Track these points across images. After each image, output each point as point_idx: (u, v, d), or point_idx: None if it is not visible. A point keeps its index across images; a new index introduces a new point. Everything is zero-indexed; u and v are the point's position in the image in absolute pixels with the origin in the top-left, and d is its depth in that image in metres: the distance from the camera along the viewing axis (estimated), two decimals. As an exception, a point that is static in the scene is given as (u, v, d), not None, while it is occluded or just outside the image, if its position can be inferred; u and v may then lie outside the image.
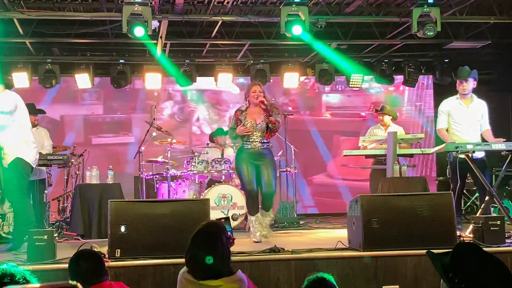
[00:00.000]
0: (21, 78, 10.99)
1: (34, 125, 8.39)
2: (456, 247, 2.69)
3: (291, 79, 11.88)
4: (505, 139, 7.26)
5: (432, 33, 8.27)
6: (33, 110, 8.47)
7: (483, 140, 7.44)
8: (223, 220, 3.87)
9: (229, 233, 3.66)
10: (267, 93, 7.57)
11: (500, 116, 7.64)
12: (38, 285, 1.17)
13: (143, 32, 7.84)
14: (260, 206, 7.17)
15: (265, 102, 7.04)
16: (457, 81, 7.52)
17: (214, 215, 7.72)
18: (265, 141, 7.15)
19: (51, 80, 11.26)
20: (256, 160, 7.10)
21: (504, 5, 9.43)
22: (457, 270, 2.58)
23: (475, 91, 7.61)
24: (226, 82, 11.82)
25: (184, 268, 3.44)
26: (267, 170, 7.07)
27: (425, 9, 8.24)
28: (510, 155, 7.01)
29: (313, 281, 3.11)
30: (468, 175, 7.45)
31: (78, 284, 1.15)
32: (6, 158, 6.34)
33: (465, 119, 7.41)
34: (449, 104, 7.54)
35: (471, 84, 7.45)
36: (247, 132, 7.04)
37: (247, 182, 7.09)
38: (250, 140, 7.10)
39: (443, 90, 11.32)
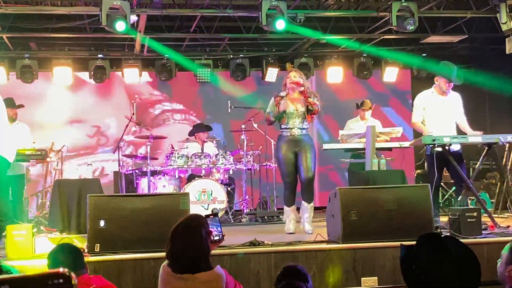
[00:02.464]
0: (-1, 74, 10.91)
1: (13, 120, 8.33)
2: (419, 237, 2.72)
3: (271, 73, 11.90)
4: (482, 132, 7.32)
5: (412, 27, 8.33)
6: (11, 104, 8.40)
7: (459, 132, 7.48)
8: (211, 216, 3.85)
9: (214, 228, 3.67)
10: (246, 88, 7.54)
11: (476, 109, 7.72)
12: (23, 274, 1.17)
13: (125, 26, 7.82)
14: (302, 199, 7.07)
15: (301, 83, 6.96)
16: (442, 78, 7.43)
17: (194, 209, 7.73)
18: (304, 127, 7.05)
19: (28, 75, 11.18)
20: (296, 147, 6.99)
21: (481, -1, 9.52)
22: (416, 258, 2.61)
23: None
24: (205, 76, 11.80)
25: (165, 261, 3.46)
26: (305, 156, 6.94)
27: (403, 3, 8.29)
28: (486, 148, 7.08)
29: (284, 268, 3.23)
30: (444, 168, 7.50)
31: (71, 273, 1.15)
32: (-18, 154, 6.29)
33: (441, 113, 7.41)
34: (424, 97, 7.52)
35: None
36: (271, 121, 7.09)
37: (286, 174, 7.00)
38: (289, 126, 7.01)
39: (420, 84, 11.41)
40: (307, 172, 6.95)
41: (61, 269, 1.16)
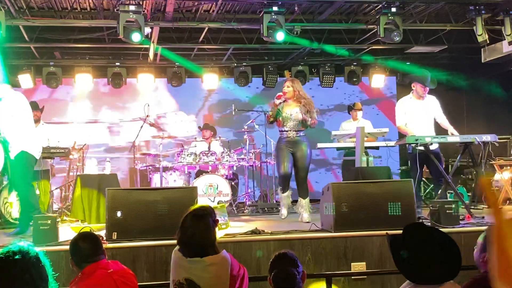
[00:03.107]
0: (26, 80, 10.90)
1: (36, 121, 8.32)
2: (406, 226, 2.73)
3: (271, 80, 11.89)
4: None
5: (398, 39, 8.33)
6: (35, 107, 8.40)
7: (439, 132, 7.49)
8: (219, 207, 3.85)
9: (221, 218, 3.68)
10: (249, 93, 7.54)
11: (455, 112, 7.70)
12: None
13: (140, 37, 7.83)
14: (298, 195, 7.12)
15: (282, 96, 7.05)
16: (418, 84, 7.46)
17: (202, 201, 7.72)
18: (301, 129, 7.08)
19: (53, 81, 11.19)
20: (292, 147, 7.04)
21: (459, 13, 9.50)
22: (404, 244, 2.61)
23: (433, 90, 7.65)
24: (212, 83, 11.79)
25: (177, 247, 3.46)
26: (301, 156, 7.00)
27: (389, 17, 8.28)
28: (463, 147, 7.08)
29: (276, 255, 3.28)
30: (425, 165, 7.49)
31: None
32: (12, 151, 6.29)
33: (419, 116, 7.43)
34: (404, 103, 7.54)
35: (428, 90, 7.51)
36: (269, 117, 7.13)
37: (282, 166, 7.04)
38: (286, 129, 7.06)
39: (405, 89, 11.39)
40: (302, 171, 7.02)
41: None
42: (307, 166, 7.08)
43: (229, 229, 5.89)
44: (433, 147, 7.12)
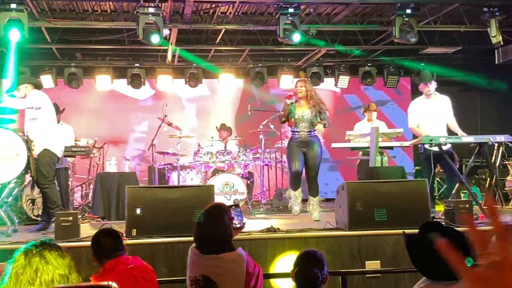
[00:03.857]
0: (48, 80, 10.99)
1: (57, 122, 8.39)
2: (422, 225, 2.71)
3: (286, 80, 11.89)
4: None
5: (414, 40, 8.30)
6: (56, 108, 8.47)
7: (450, 133, 7.45)
8: (233, 207, 3.84)
9: (236, 217, 3.66)
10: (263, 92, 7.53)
11: (469, 113, 7.65)
12: (79, 284, 1.19)
13: (158, 39, 7.87)
14: (309, 193, 7.09)
15: (292, 97, 7.01)
16: (421, 84, 7.48)
17: (218, 200, 7.74)
18: (312, 130, 7.04)
19: (74, 81, 11.28)
20: (304, 147, 7.01)
21: (473, 15, 9.44)
22: (421, 244, 2.60)
23: (447, 91, 7.62)
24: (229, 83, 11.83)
25: (194, 244, 3.47)
26: (312, 156, 6.97)
27: (404, 19, 8.25)
28: (477, 147, 7.03)
29: (304, 251, 3.16)
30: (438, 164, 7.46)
31: (114, 284, 1.16)
32: (35, 150, 6.36)
33: (432, 116, 7.40)
34: (416, 104, 7.53)
35: (433, 85, 7.45)
36: (281, 116, 7.06)
37: (293, 165, 7.01)
38: (298, 130, 7.03)
39: (419, 90, 11.33)
40: (312, 170, 6.99)
41: (109, 282, 1.17)
42: (318, 165, 7.05)
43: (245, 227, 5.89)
44: (446, 146, 7.09)
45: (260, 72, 11.83)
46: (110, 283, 1.15)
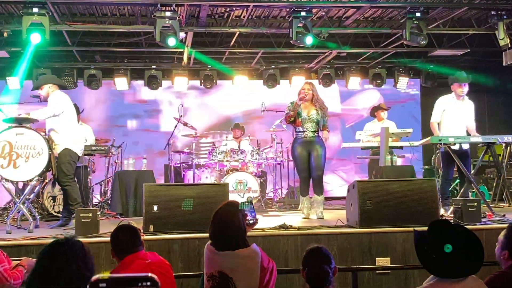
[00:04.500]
0: (69, 82, 11.06)
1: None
2: (431, 222, 2.70)
3: (298, 82, 11.87)
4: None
5: (425, 42, 8.25)
6: (76, 109, 8.53)
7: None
8: (246, 203, 3.83)
9: (249, 214, 3.66)
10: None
11: (477, 113, 7.57)
12: (122, 275, 1.19)
13: (175, 42, 7.89)
14: (313, 192, 7.05)
15: (304, 98, 6.94)
16: (455, 83, 7.34)
17: (232, 197, 7.75)
18: (316, 130, 7.02)
19: (94, 83, 11.35)
20: (308, 147, 6.97)
21: (481, 18, 9.38)
22: (430, 241, 2.59)
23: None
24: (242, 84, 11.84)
25: (209, 241, 3.47)
26: (316, 156, 6.92)
27: (414, 22, 8.21)
28: (486, 147, 6.98)
29: (309, 249, 3.16)
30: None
31: (155, 276, 1.18)
32: (56, 149, 6.41)
33: (457, 116, 7.30)
34: (445, 101, 7.39)
35: (467, 87, 7.34)
36: (291, 116, 6.97)
37: (301, 170, 7.00)
38: (303, 130, 7.00)
39: (428, 91, 11.30)
40: (317, 170, 6.93)
41: (150, 274, 1.19)
42: (323, 165, 6.99)
43: (258, 224, 5.89)
44: (465, 146, 7.04)
45: (273, 73, 11.82)
46: (149, 274, 1.18)
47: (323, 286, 3.01)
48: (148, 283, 1.17)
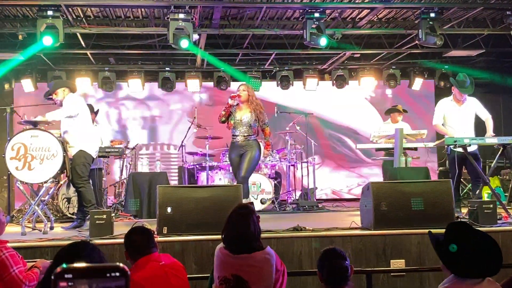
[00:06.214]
0: (83, 83, 11.14)
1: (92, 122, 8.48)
2: (449, 225, 2.67)
3: (311, 83, 11.86)
4: (494, 134, 7.17)
5: (440, 43, 8.19)
6: (91, 109, 8.57)
7: (477, 134, 7.33)
8: (250, 203, 3.84)
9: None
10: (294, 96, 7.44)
11: (492, 114, 7.50)
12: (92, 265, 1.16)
13: (188, 44, 7.91)
14: None
15: (235, 97, 6.94)
16: (457, 90, 7.30)
17: (245, 199, 7.74)
18: (250, 133, 6.96)
19: (108, 85, 11.41)
20: (239, 152, 6.98)
21: (496, 18, 9.29)
22: (448, 243, 2.57)
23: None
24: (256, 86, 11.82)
25: (221, 244, 3.44)
26: (245, 159, 6.88)
27: (429, 22, 8.15)
28: (501, 148, 6.90)
29: (324, 251, 3.14)
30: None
31: (124, 266, 1.14)
32: (71, 151, 6.44)
33: (457, 118, 7.28)
34: (444, 104, 7.40)
35: (467, 98, 7.33)
36: (221, 116, 6.96)
37: (236, 175, 7.04)
38: (236, 134, 6.99)
39: (442, 92, 11.21)
40: (243, 171, 6.86)
41: (119, 264, 1.15)
42: (250, 168, 6.91)
43: (271, 225, 5.89)
44: (472, 148, 6.96)
45: (286, 75, 11.80)
46: (119, 264, 1.14)
47: (342, 284, 2.98)
48: (117, 274, 1.13)
